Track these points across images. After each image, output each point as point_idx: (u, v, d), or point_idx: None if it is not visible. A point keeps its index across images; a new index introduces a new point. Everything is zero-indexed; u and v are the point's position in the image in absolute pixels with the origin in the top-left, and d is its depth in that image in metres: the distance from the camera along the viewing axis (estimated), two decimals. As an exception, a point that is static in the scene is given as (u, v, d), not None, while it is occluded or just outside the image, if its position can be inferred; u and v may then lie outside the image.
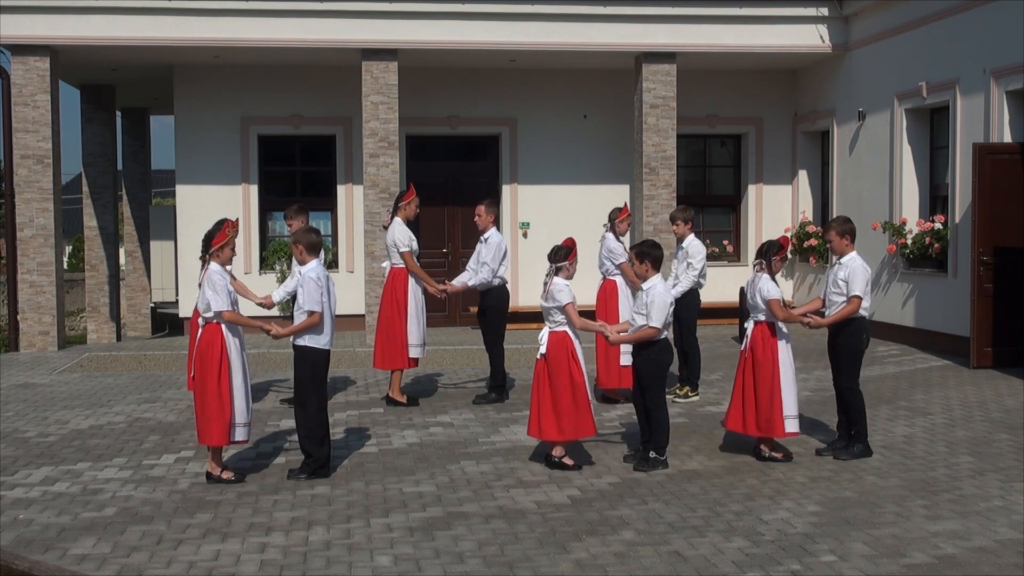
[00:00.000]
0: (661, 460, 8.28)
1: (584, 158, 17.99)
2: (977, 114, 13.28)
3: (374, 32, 15.67)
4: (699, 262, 10.95)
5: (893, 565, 6.07)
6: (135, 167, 21.54)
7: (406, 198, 10.78)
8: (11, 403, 11.21)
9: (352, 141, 17.40)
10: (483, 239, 11.00)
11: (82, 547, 6.50)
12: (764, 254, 8.52)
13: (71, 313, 24.08)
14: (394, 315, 10.65)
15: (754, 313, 8.49)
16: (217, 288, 7.82)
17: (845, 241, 8.63)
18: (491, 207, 11.08)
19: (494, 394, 11.08)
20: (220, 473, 7.92)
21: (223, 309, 7.82)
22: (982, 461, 8.42)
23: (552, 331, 8.23)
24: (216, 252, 7.96)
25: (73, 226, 33.68)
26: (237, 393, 7.88)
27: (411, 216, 10.82)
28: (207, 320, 7.89)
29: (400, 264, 10.71)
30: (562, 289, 8.19)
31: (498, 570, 6.05)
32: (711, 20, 16.16)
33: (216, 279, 7.85)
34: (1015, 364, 12.54)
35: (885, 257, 15.35)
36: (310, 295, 7.89)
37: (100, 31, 15.23)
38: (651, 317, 8.14)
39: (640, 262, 8.34)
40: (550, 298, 8.20)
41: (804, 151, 18.24)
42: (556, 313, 8.21)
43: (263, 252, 17.51)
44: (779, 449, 8.52)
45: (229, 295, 7.90)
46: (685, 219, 11.06)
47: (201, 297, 7.91)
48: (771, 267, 8.47)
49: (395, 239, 10.65)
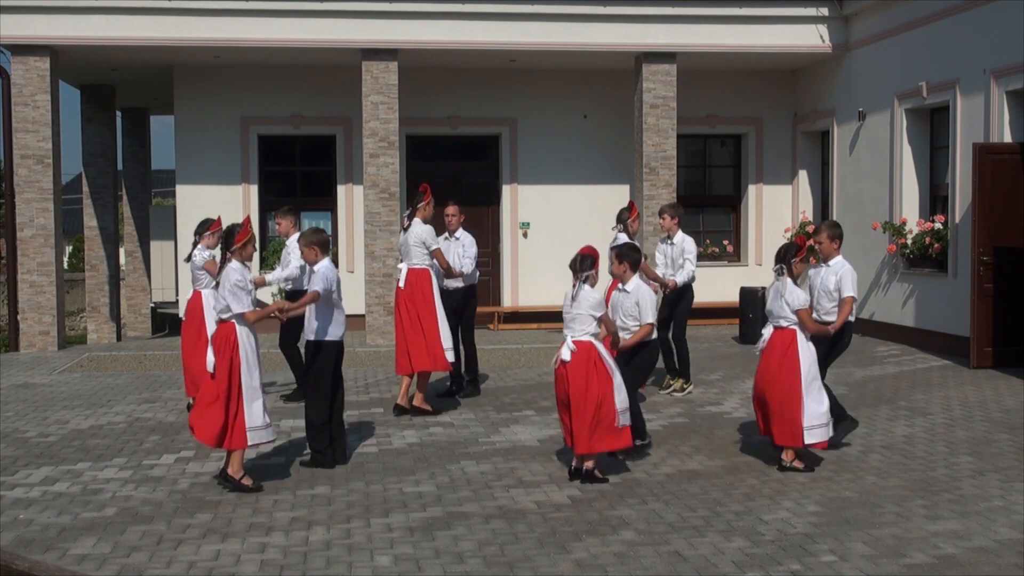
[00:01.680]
0: (646, 444, 8.51)
1: (584, 158, 17.99)
2: (977, 114, 13.28)
3: (374, 32, 15.67)
4: (694, 259, 11.04)
5: (893, 565, 6.07)
6: (135, 167, 21.55)
7: (425, 199, 10.58)
8: (11, 403, 11.21)
9: (352, 141, 17.40)
10: (455, 237, 11.08)
11: (82, 547, 6.50)
12: (783, 258, 8.12)
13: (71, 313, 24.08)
14: (428, 315, 10.36)
15: (773, 319, 8.17)
16: (236, 289, 7.63)
17: (835, 245, 8.66)
18: (461, 210, 11.24)
19: (472, 387, 11.26)
20: (241, 479, 7.71)
21: (245, 311, 7.67)
22: (982, 461, 8.42)
23: (578, 340, 7.81)
24: (239, 250, 7.78)
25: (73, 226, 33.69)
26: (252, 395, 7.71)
27: (429, 217, 10.65)
28: (223, 319, 7.76)
29: (419, 265, 10.44)
30: (599, 300, 7.85)
31: (498, 570, 6.05)
32: (711, 20, 16.15)
33: (236, 278, 7.65)
34: (1015, 364, 12.54)
35: (885, 257, 15.35)
36: (321, 278, 8.16)
37: (100, 31, 15.23)
38: (644, 314, 8.18)
39: (619, 263, 8.35)
40: (582, 306, 7.76)
41: (804, 151, 18.24)
42: (588, 322, 7.79)
43: (263, 252, 17.50)
44: (804, 459, 8.18)
45: (249, 294, 7.72)
46: (673, 214, 11.06)
47: (218, 298, 7.75)
48: (792, 271, 8.11)
49: (424, 239, 10.42)
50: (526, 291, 17.82)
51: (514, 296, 18.02)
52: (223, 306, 7.72)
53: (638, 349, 8.33)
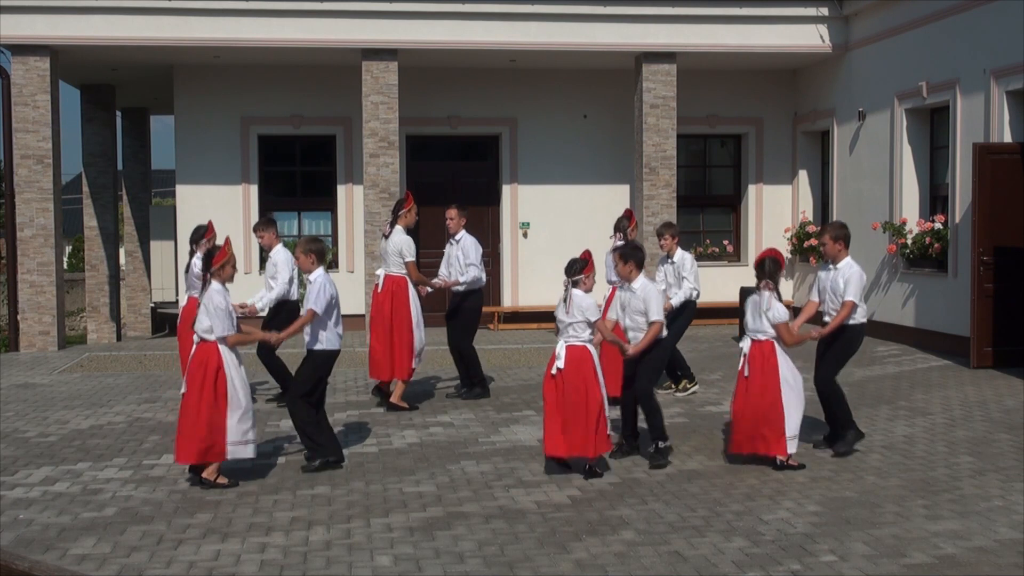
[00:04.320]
0: (668, 446, 8.32)
1: (584, 158, 17.98)
2: (977, 114, 13.28)
3: (374, 32, 15.67)
4: (694, 276, 10.87)
5: (893, 565, 6.07)
6: (135, 167, 21.54)
7: (405, 206, 10.71)
8: (11, 403, 11.21)
9: (352, 141, 17.40)
10: (455, 240, 11.03)
11: (82, 547, 6.50)
12: (770, 274, 8.17)
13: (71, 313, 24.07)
14: (400, 323, 10.50)
15: (752, 332, 8.23)
16: (219, 312, 7.71)
17: (839, 246, 8.57)
18: (463, 210, 11.15)
19: (479, 388, 11.14)
20: (216, 479, 7.78)
21: (226, 334, 7.75)
22: (982, 461, 8.42)
23: (570, 345, 7.89)
24: (217, 271, 7.84)
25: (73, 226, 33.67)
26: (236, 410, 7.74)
27: (411, 224, 10.77)
28: (203, 339, 7.81)
29: (397, 273, 10.58)
30: (590, 304, 7.88)
31: (498, 570, 6.05)
32: (711, 20, 16.16)
33: (218, 300, 7.74)
34: (1015, 364, 12.54)
35: (885, 257, 15.35)
36: (317, 297, 8.02)
37: (100, 31, 15.23)
38: (651, 312, 8.14)
39: (624, 263, 8.30)
40: (575, 312, 7.83)
41: (804, 151, 18.24)
42: (581, 328, 7.87)
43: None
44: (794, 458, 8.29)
45: (230, 316, 7.79)
46: (673, 234, 10.93)
47: (201, 319, 7.80)
48: (777, 286, 8.20)
49: (402, 248, 10.54)
50: (526, 291, 17.82)
51: (514, 296, 18.01)
52: (206, 326, 7.77)
53: (649, 347, 8.27)
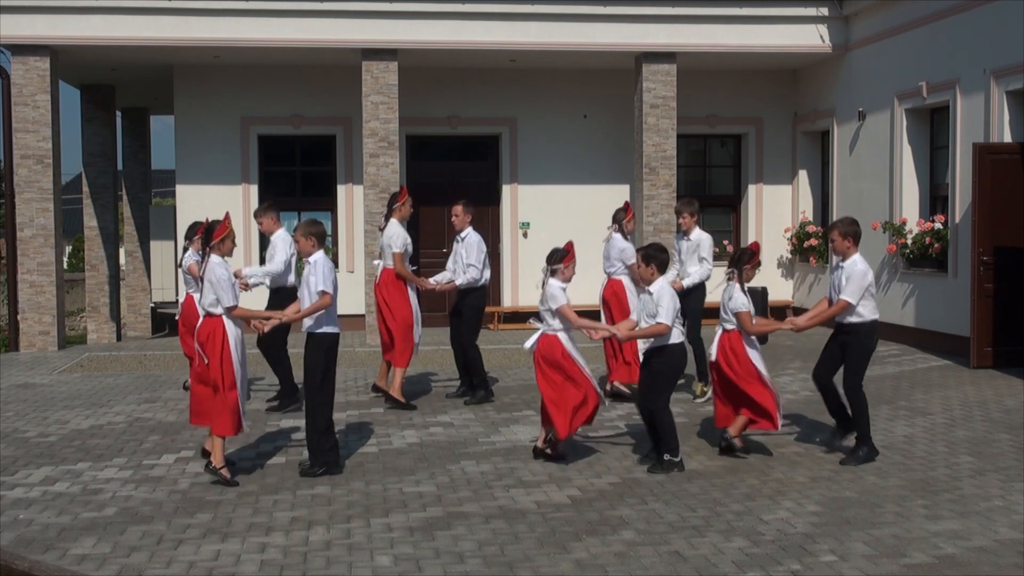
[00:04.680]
0: (676, 462, 8.11)
1: (584, 158, 17.98)
2: (977, 114, 13.28)
3: (374, 32, 15.67)
4: (710, 255, 11.02)
5: (893, 565, 6.07)
6: (135, 167, 21.55)
7: (400, 200, 10.84)
8: (11, 403, 11.21)
9: (352, 141, 17.40)
10: (460, 238, 11.06)
11: (82, 547, 6.50)
12: (737, 262, 8.56)
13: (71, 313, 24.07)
14: (398, 313, 10.65)
15: (723, 322, 8.57)
16: (222, 283, 7.82)
17: (848, 243, 8.44)
18: (468, 207, 11.14)
19: (483, 391, 11.08)
20: (222, 469, 7.80)
21: (231, 305, 7.85)
22: (982, 461, 8.42)
23: (544, 333, 8.31)
24: (217, 245, 7.98)
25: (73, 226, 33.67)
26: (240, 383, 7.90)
27: (406, 218, 10.89)
28: (209, 313, 7.90)
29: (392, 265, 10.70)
30: (556, 292, 8.24)
31: (498, 570, 6.05)
32: (711, 20, 16.15)
33: (220, 272, 7.84)
34: (1015, 364, 12.54)
35: (885, 257, 15.35)
36: (324, 277, 7.97)
37: (100, 31, 15.23)
38: (660, 314, 8.03)
39: (647, 264, 8.26)
40: (545, 300, 8.28)
41: (804, 151, 18.24)
42: (550, 316, 8.28)
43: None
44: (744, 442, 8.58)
45: (233, 287, 7.91)
46: (692, 212, 11.00)
47: (206, 293, 7.89)
48: (742, 276, 8.52)
49: (391, 241, 10.65)
50: (526, 291, 17.80)
51: (514, 296, 18.02)
52: (211, 299, 7.85)
53: (655, 353, 8.20)
